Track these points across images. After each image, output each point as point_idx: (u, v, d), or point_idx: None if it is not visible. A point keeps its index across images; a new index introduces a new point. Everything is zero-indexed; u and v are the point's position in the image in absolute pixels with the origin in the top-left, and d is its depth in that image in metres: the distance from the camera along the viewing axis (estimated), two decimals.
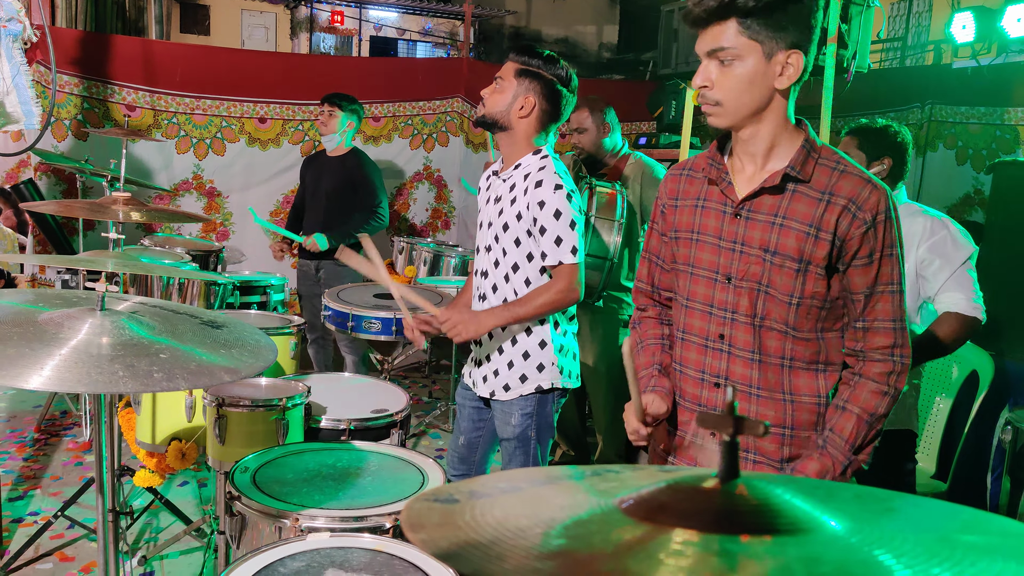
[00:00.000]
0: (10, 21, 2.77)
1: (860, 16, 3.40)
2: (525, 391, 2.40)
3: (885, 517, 0.61)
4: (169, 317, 1.49)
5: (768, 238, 1.54)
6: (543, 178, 2.29)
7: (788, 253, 1.53)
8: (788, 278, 1.54)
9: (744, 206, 1.57)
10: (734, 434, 0.59)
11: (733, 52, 1.45)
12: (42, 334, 1.27)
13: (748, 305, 1.58)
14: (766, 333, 1.58)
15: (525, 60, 2.36)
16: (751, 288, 1.57)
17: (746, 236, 1.57)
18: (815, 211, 1.50)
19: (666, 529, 0.56)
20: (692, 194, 1.67)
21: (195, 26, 11.90)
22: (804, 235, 1.51)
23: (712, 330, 1.64)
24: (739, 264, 1.58)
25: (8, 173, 5.15)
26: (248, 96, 5.70)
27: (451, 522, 0.56)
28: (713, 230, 1.62)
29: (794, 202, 1.52)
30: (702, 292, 1.64)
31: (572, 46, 14.14)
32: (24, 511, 3.30)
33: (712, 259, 1.62)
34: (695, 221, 1.65)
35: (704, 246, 1.63)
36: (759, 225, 1.55)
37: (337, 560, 1.54)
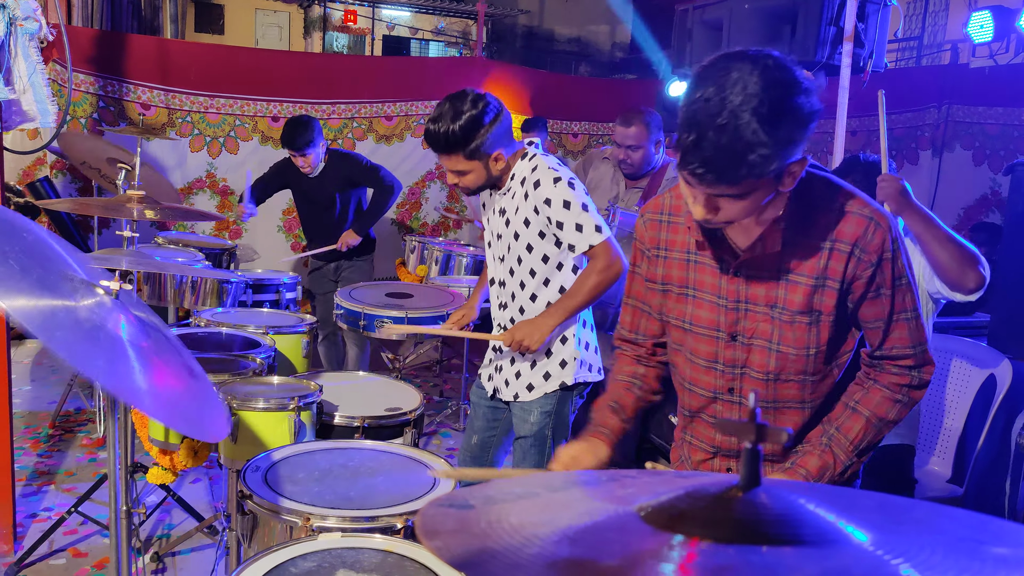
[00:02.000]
0: (27, 20, 2.78)
1: (877, 15, 3.37)
2: (549, 389, 2.42)
3: (910, 528, 0.59)
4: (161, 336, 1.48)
5: (774, 294, 1.46)
6: (539, 177, 2.30)
7: (797, 308, 1.45)
8: (801, 332, 1.46)
9: (743, 264, 1.48)
10: (756, 442, 0.58)
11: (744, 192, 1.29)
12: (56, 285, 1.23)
13: (760, 363, 1.51)
14: (782, 385, 1.52)
15: (464, 147, 2.24)
16: (762, 346, 1.49)
17: (749, 294, 1.48)
18: (819, 262, 1.42)
19: (685, 537, 0.55)
20: (679, 245, 1.57)
21: (209, 25, 11.96)
22: (811, 288, 1.43)
23: (720, 384, 1.57)
24: (746, 322, 1.50)
25: (24, 171, 5.18)
26: (261, 95, 5.72)
27: (466, 529, 0.55)
28: (710, 287, 1.52)
29: (796, 255, 1.43)
30: (705, 350, 1.56)
31: (585, 45, 14.11)
32: (38, 507, 3.32)
33: (711, 317, 1.53)
34: (688, 276, 1.55)
35: (702, 303, 1.54)
36: (763, 283, 1.47)
37: (348, 561, 1.54)
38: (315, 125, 4.07)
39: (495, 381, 2.52)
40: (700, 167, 1.25)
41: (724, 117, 1.21)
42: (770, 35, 3.50)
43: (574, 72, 13.25)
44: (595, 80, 9.79)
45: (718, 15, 3.75)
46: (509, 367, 2.47)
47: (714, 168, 1.24)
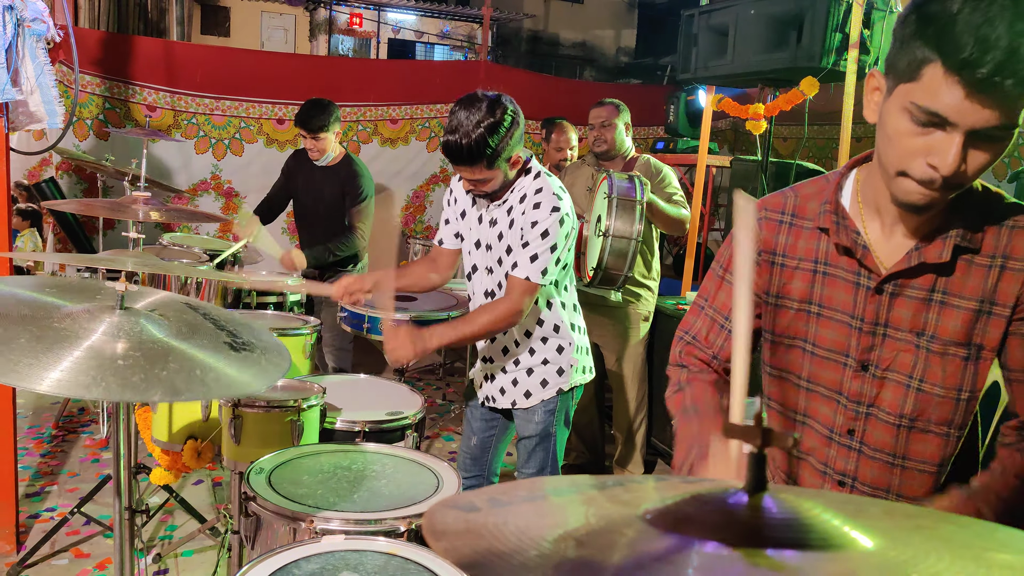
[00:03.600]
0: (34, 21, 2.79)
1: (882, 22, 3.37)
2: (547, 395, 2.43)
3: (917, 535, 0.59)
4: (189, 320, 1.49)
5: (923, 319, 1.20)
6: (541, 200, 2.25)
7: (952, 338, 1.19)
8: (955, 369, 1.19)
9: (891, 281, 1.21)
10: (762, 446, 0.58)
11: (1009, 129, 1.04)
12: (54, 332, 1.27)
13: (893, 402, 1.24)
14: (917, 436, 1.24)
15: (484, 158, 2.17)
16: (898, 382, 1.23)
17: (891, 316, 1.22)
18: (985, 282, 1.16)
19: (692, 541, 0.55)
20: (804, 253, 1.29)
21: (215, 27, 12.01)
22: (974, 314, 1.17)
23: (839, 422, 1.29)
24: (882, 351, 1.23)
25: (30, 171, 5.20)
26: (267, 97, 5.74)
27: (473, 530, 0.55)
28: (843, 305, 1.26)
29: (958, 272, 1.18)
30: (827, 376, 1.29)
31: (590, 50, 14.14)
32: (41, 507, 3.32)
33: (840, 340, 1.27)
34: (814, 291, 1.29)
35: (829, 323, 1.28)
36: (910, 303, 1.20)
37: (352, 563, 1.54)
38: (332, 110, 3.89)
39: (486, 389, 2.52)
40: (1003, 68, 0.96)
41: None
42: (776, 41, 3.51)
43: (579, 77, 13.27)
44: (600, 85, 9.80)
45: (724, 20, 3.76)
46: (503, 375, 2.47)
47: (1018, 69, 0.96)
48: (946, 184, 1.06)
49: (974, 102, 1.00)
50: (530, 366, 2.42)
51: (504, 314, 2.24)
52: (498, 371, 2.48)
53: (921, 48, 1.02)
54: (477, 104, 2.16)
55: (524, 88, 6.67)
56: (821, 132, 6.13)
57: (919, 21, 1.03)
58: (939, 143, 1.04)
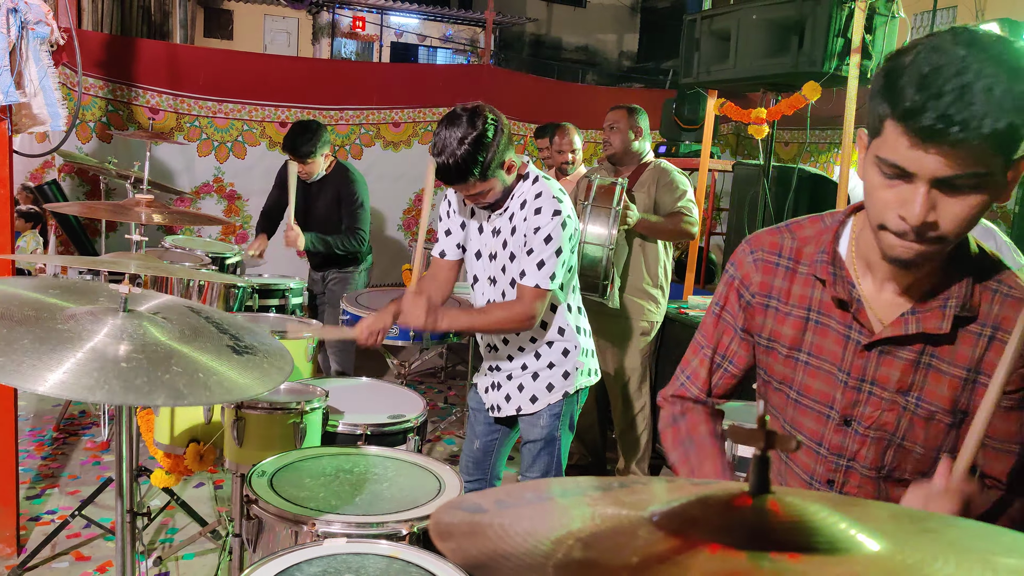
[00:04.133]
0: (38, 24, 2.80)
1: (884, 27, 3.37)
2: (553, 399, 2.43)
3: (923, 538, 0.59)
4: (192, 323, 1.49)
5: (909, 380, 1.18)
6: (542, 205, 2.24)
7: (937, 403, 1.17)
8: (937, 432, 1.19)
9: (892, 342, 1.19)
10: (765, 448, 0.58)
11: (983, 177, 1.01)
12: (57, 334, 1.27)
13: (874, 457, 1.24)
14: (893, 485, 1.25)
15: (474, 173, 2.15)
16: (879, 438, 1.23)
17: (878, 375, 1.20)
18: (973, 351, 1.15)
19: (696, 544, 0.55)
20: (797, 299, 1.27)
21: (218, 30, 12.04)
22: (960, 381, 1.16)
23: (819, 471, 1.29)
24: (866, 408, 1.22)
25: (32, 174, 5.21)
26: (269, 100, 5.75)
27: (479, 531, 0.55)
28: (832, 356, 1.24)
29: (946, 338, 1.16)
30: (809, 426, 1.28)
31: (592, 54, 14.16)
32: (42, 510, 3.32)
33: (826, 391, 1.25)
34: (805, 339, 1.27)
35: (816, 373, 1.26)
36: (898, 363, 1.19)
37: (354, 566, 1.54)
38: (321, 134, 3.90)
39: (492, 398, 2.51)
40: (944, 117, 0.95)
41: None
42: (778, 46, 3.51)
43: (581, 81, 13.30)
44: (602, 89, 9.81)
45: (726, 25, 3.76)
46: (508, 383, 2.46)
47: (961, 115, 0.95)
48: (920, 236, 1.05)
49: (928, 151, 0.99)
50: (536, 370, 2.41)
51: (517, 317, 2.25)
52: (504, 379, 2.47)
53: (880, 103, 1.03)
54: (457, 121, 2.13)
55: (526, 92, 6.68)
56: (823, 136, 6.14)
57: (882, 77, 1.04)
58: (906, 194, 1.04)
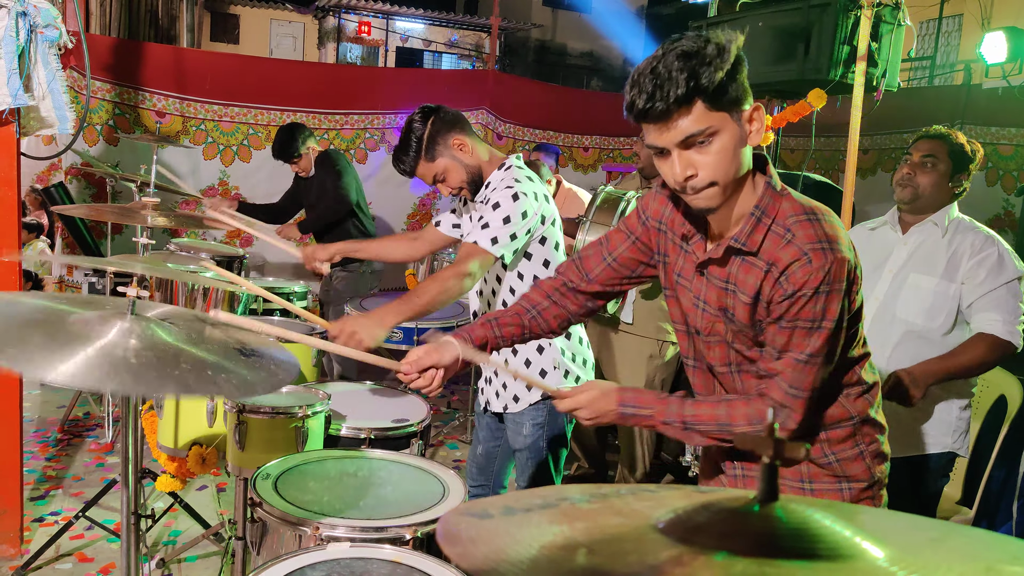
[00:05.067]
0: (47, 27, 2.81)
1: (890, 35, 3.37)
2: (533, 399, 2.41)
3: (928, 547, 0.59)
4: (198, 329, 1.50)
5: (724, 302, 1.50)
6: (500, 184, 2.33)
7: (741, 321, 1.48)
8: (749, 338, 1.49)
9: (704, 265, 1.52)
10: (774, 456, 0.58)
11: (710, 130, 1.33)
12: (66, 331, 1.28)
13: (721, 356, 1.56)
14: (746, 376, 1.54)
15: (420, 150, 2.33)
16: (718, 341, 1.55)
17: (707, 295, 1.53)
18: (758, 281, 1.43)
19: (703, 550, 0.55)
20: (678, 230, 1.58)
21: (225, 35, 12.08)
22: (749, 306, 1.45)
23: (699, 384, 1.64)
24: (702, 320, 1.55)
25: (39, 176, 5.23)
26: (275, 104, 5.76)
27: (486, 537, 0.55)
28: (686, 280, 1.58)
29: (741, 271, 1.46)
30: (682, 345, 1.65)
31: (597, 60, 14.17)
32: (46, 511, 3.33)
33: (687, 307, 1.59)
34: (678, 262, 1.59)
35: (684, 291, 1.59)
36: (715, 287, 1.51)
37: (357, 571, 1.54)
38: (297, 133, 4.17)
39: (487, 393, 2.53)
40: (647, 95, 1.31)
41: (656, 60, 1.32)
42: (783, 53, 3.52)
43: (586, 86, 13.31)
44: (606, 95, 9.83)
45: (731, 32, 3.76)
46: (496, 379, 2.48)
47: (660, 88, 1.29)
48: (694, 187, 1.37)
49: (658, 128, 1.35)
50: (516, 368, 2.39)
51: (449, 276, 2.19)
52: (493, 374, 2.49)
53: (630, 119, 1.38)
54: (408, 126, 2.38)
55: (531, 97, 6.68)
56: (828, 144, 6.14)
57: None
58: (668, 162, 1.38)
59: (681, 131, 1.33)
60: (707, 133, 1.33)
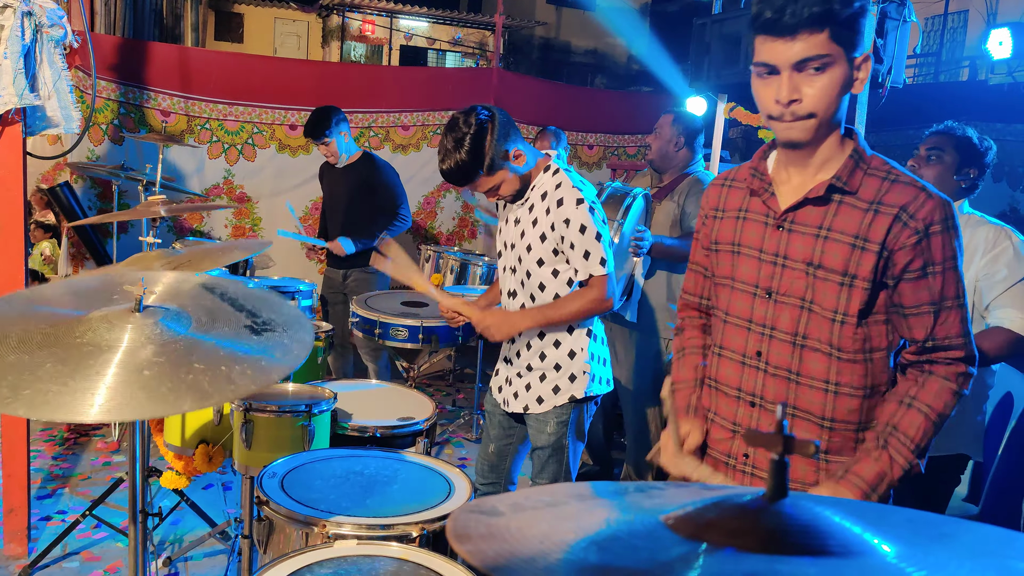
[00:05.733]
0: (52, 27, 2.82)
1: (896, 31, 3.36)
2: (559, 402, 2.42)
3: (938, 543, 0.59)
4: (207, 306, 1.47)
5: (812, 251, 1.46)
6: (563, 196, 2.29)
7: (833, 267, 1.44)
8: (832, 293, 1.45)
9: (787, 218, 1.50)
10: (783, 453, 0.58)
11: (827, 60, 1.36)
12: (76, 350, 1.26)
13: (789, 322, 1.50)
14: (808, 354, 1.50)
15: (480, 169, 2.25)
16: (794, 304, 1.50)
17: (789, 249, 1.50)
18: (861, 222, 1.42)
19: (712, 547, 0.55)
20: (734, 205, 1.61)
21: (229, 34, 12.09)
22: (850, 247, 1.43)
23: (749, 347, 1.57)
24: (781, 279, 1.51)
25: (44, 175, 5.24)
26: (279, 103, 5.76)
27: (496, 534, 0.56)
28: (754, 242, 1.55)
29: (840, 214, 1.45)
30: (740, 306, 1.58)
31: (601, 58, 14.15)
32: (52, 510, 3.34)
33: (752, 273, 1.55)
34: (736, 233, 1.59)
35: (744, 259, 1.57)
36: (802, 238, 1.48)
37: (364, 569, 1.54)
38: (332, 115, 4.12)
39: (504, 393, 2.53)
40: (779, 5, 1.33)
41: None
42: None
43: (590, 84, 13.29)
44: (611, 92, 9.81)
45: (736, 29, 3.76)
46: (518, 380, 2.47)
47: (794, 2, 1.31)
48: (795, 114, 1.39)
49: (776, 43, 1.36)
50: (542, 371, 2.42)
51: (589, 303, 2.32)
52: (514, 375, 2.48)
53: (751, 33, 1.41)
54: (454, 126, 2.26)
55: (535, 95, 6.68)
56: None
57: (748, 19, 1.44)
58: (775, 83, 1.39)
59: (800, 51, 1.35)
60: (824, 62, 1.35)
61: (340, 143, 4.15)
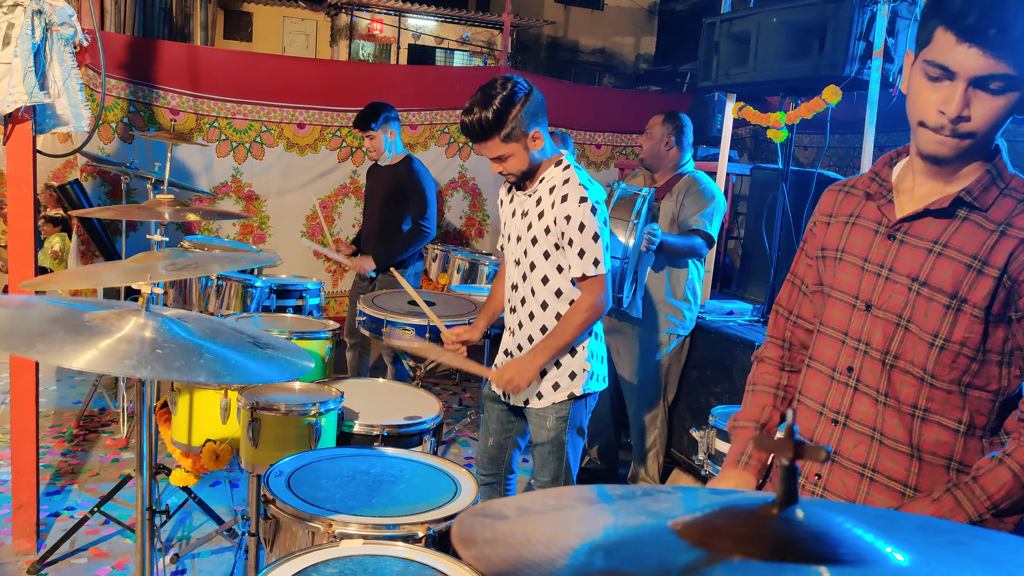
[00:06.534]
0: (62, 25, 2.83)
1: (907, 30, 3.34)
2: (558, 398, 2.44)
3: (951, 551, 0.58)
4: (210, 326, 1.51)
5: (920, 266, 1.33)
6: (568, 192, 2.30)
7: (940, 286, 1.31)
8: (935, 315, 1.31)
9: (901, 227, 1.37)
10: (794, 458, 0.57)
11: (1008, 82, 1.21)
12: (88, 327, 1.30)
13: (881, 339, 1.38)
14: (897, 375, 1.36)
15: (499, 130, 2.27)
16: (889, 320, 1.37)
17: (896, 261, 1.37)
18: (984, 242, 1.28)
19: (721, 554, 0.54)
20: (846, 211, 1.48)
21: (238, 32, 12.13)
22: (965, 267, 1.29)
23: (841, 361, 1.44)
24: (881, 291, 1.38)
25: (55, 173, 5.27)
26: (288, 102, 5.77)
27: (502, 539, 0.55)
28: (860, 250, 1.42)
29: (961, 231, 1.30)
30: (837, 317, 1.45)
31: (609, 57, 14.13)
32: (61, 506, 3.35)
33: (853, 282, 1.42)
34: (842, 239, 1.46)
35: (847, 267, 1.44)
36: (913, 250, 1.35)
37: (370, 568, 1.54)
38: (381, 109, 4.13)
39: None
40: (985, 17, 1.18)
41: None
42: (798, 49, 3.49)
43: (598, 83, 13.28)
44: (619, 92, 9.80)
45: (745, 28, 3.74)
46: None
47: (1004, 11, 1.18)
48: (955, 131, 1.25)
49: (968, 50, 1.21)
50: (543, 368, 2.42)
51: (586, 313, 2.33)
52: None
53: (931, 18, 1.25)
54: (492, 84, 2.30)
55: (543, 94, 6.66)
56: (843, 141, 6.09)
57: (929, 1, 1.28)
58: (946, 91, 1.24)
59: (988, 67, 1.21)
60: (1005, 84, 1.22)
61: (385, 140, 4.16)
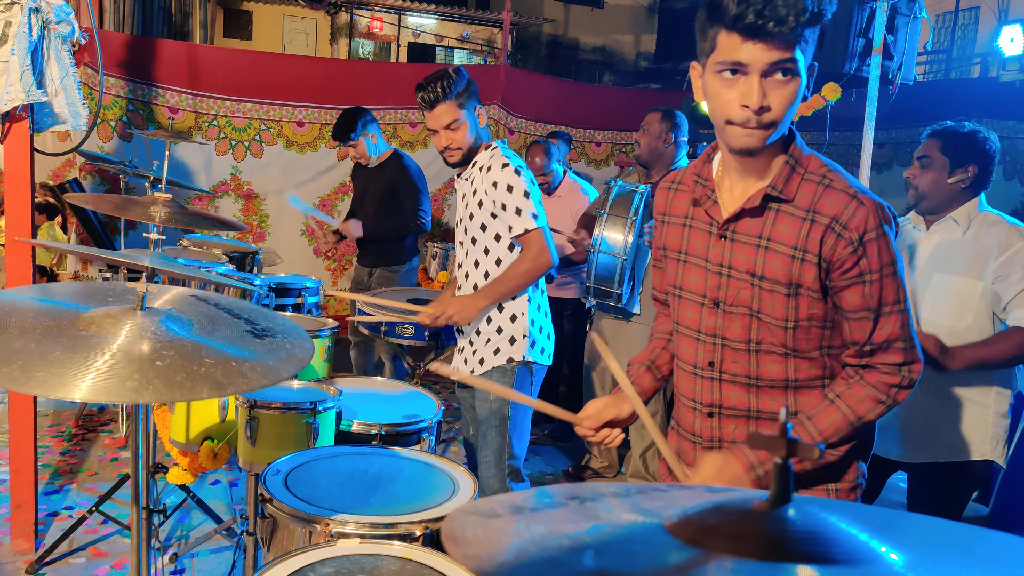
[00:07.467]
0: (60, 23, 2.82)
1: (906, 27, 3.34)
2: (498, 362, 2.55)
3: (948, 550, 0.58)
4: (205, 313, 1.49)
5: (754, 262, 1.44)
6: (492, 163, 2.51)
7: (776, 278, 1.42)
8: (780, 303, 1.42)
9: (729, 227, 1.47)
10: (787, 457, 0.57)
11: (795, 67, 1.30)
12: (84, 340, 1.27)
13: (741, 331, 1.47)
14: (764, 357, 1.47)
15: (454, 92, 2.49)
16: (742, 313, 1.46)
17: (732, 259, 1.46)
18: (799, 232, 1.39)
19: (713, 552, 0.54)
20: (680, 211, 1.58)
21: (238, 31, 12.11)
22: (790, 258, 1.40)
23: (701, 357, 1.53)
24: (727, 289, 1.48)
25: (54, 172, 5.26)
26: (287, 100, 5.77)
27: (493, 537, 0.54)
28: (700, 251, 1.52)
29: (778, 223, 1.42)
30: (689, 316, 1.55)
31: (609, 55, 14.11)
32: (59, 505, 3.35)
33: (699, 282, 1.52)
34: (683, 241, 1.56)
35: (691, 268, 1.54)
36: (745, 247, 1.45)
37: (367, 567, 1.53)
38: (357, 116, 4.13)
39: (456, 362, 2.69)
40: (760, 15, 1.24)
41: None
42: None
43: (598, 81, 13.26)
44: (619, 90, 9.78)
45: None
46: (468, 347, 2.64)
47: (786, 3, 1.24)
48: (760, 122, 1.32)
49: (755, 46, 1.27)
50: (488, 336, 2.57)
51: (529, 264, 2.47)
52: (466, 342, 2.65)
53: (710, 26, 1.33)
54: (444, 69, 2.55)
55: (543, 92, 6.66)
56: (843, 138, 6.08)
57: (705, 10, 1.34)
58: (743, 86, 1.31)
59: (781, 54, 1.28)
60: (795, 69, 1.30)
61: (368, 144, 4.15)
